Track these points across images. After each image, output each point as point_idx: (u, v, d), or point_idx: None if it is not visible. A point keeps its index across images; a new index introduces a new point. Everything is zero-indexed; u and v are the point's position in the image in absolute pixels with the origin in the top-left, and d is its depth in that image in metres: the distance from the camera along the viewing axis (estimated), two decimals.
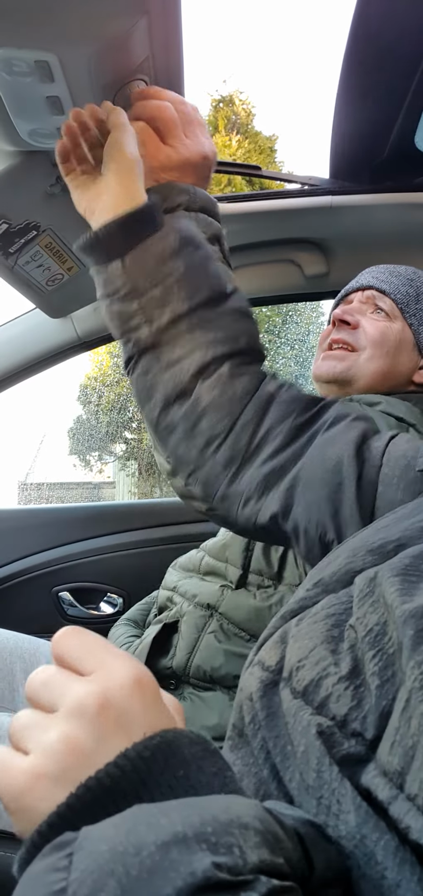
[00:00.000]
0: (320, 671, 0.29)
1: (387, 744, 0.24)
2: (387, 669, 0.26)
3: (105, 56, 0.62)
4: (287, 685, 0.31)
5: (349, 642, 0.29)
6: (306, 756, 0.27)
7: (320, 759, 0.26)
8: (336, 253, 1.28)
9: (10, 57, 0.59)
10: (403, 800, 0.22)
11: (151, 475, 8.90)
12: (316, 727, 0.27)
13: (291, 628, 0.34)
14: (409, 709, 0.24)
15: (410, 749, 0.23)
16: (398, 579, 0.29)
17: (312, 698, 0.28)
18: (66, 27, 0.58)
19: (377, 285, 0.96)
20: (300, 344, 10.41)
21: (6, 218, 0.86)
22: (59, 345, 1.36)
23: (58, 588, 1.53)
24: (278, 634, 0.35)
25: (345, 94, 0.94)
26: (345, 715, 0.26)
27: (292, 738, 0.28)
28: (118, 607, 1.54)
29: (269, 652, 0.34)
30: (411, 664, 0.24)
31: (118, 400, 10.29)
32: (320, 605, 0.34)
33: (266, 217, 1.16)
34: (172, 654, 0.90)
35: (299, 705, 0.29)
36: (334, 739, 0.26)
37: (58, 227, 0.96)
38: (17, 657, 1.01)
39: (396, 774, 0.23)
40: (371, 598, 0.30)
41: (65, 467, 8.80)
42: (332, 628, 0.31)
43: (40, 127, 0.71)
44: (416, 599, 0.27)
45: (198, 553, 1.03)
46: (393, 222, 1.17)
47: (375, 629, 0.28)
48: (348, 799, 0.24)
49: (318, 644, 0.30)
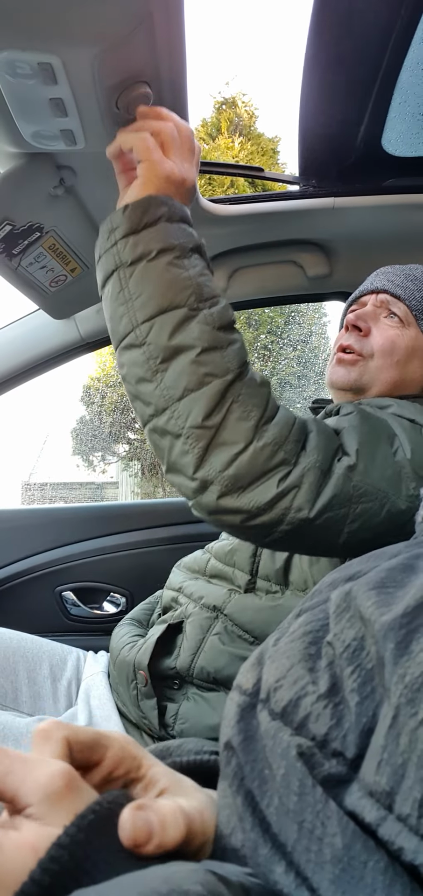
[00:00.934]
0: (299, 690, 0.28)
1: (372, 763, 0.23)
2: (366, 685, 0.26)
3: (108, 58, 0.62)
4: (265, 707, 0.30)
5: (327, 659, 0.29)
6: (286, 779, 0.26)
7: (302, 781, 0.25)
8: (338, 254, 1.28)
9: (14, 59, 0.60)
10: (393, 821, 0.21)
11: (154, 475, 8.91)
12: (296, 748, 0.26)
13: (268, 648, 0.33)
14: (397, 725, 0.23)
15: (399, 767, 0.22)
16: (374, 592, 0.29)
17: (291, 719, 0.28)
18: (69, 29, 0.58)
19: (392, 289, 0.95)
20: (303, 345, 10.39)
21: (10, 219, 0.87)
22: (63, 346, 1.36)
23: (61, 588, 1.53)
24: (255, 656, 0.34)
25: (308, 93, 0.93)
26: (325, 735, 0.26)
27: (270, 761, 0.27)
28: (121, 607, 1.54)
29: (246, 675, 0.33)
30: (394, 679, 0.24)
31: (121, 400, 10.29)
32: (297, 623, 0.33)
33: (269, 218, 1.16)
34: (176, 655, 0.90)
35: (278, 727, 0.28)
36: (315, 760, 0.25)
37: (61, 229, 0.96)
38: (20, 656, 1.02)
39: (384, 795, 0.22)
40: (348, 614, 0.30)
41: (68, 467, 8.81)
42: (309, 646, 0.30)
43: (43, 129, 0.71)
44: (393, 609, 0.27)
45: (204, 555, 1.03)
46: (396, 223, 1.17)
47: (352, 644, 0.28)
48: (333, 821, 0.23)
49: (295, 663, 0.30)
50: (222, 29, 6.52)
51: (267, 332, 10.41)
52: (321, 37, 0.84)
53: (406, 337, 0.92)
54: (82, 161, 0.86)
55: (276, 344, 10.47)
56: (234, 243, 1.23)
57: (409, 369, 0.92)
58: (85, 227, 1.01)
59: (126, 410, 10.33)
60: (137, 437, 10.20)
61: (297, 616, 0.35)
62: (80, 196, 0.94)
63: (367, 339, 0.93)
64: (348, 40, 0.83)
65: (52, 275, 1.05)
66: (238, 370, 0.64)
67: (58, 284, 1.09)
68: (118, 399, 10.22)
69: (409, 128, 0.97)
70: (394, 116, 0.95)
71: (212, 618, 0.90)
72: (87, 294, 1.20)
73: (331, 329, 9.76)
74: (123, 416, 10.28)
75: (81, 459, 8.99)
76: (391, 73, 0.86)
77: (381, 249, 1.24)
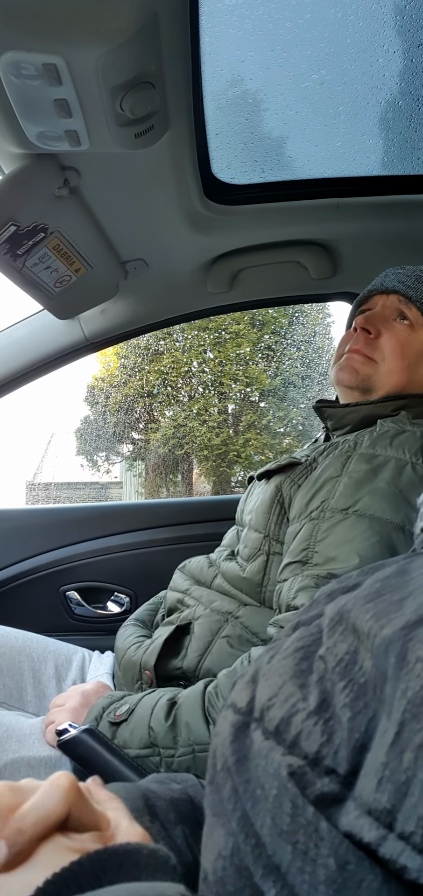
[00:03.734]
0: (290, 708, 0.28)
1: (372, 780, 0.22)
2: (359, 700, 0.25)
3: (113, 59, 0.63)
4: (259, 726, 0.29)
5: (318, 674, 0.28)
6: (278, 800, 0.25)
7: (293, 802, 0.25)
8: (343, 254, 1.28)
9: (19, 60, 0.60)
10: (394, 839, 0.21)
11: (158, 475, 8.93)
12: (287, 768, 0.26)
13: (262, 666, 0.33)
14: (400, 742, 0.22)
15: (403, 785, 0.21)
16: (371, 605, 0.28)
17: (284, 737, 0.27)
18: (73, 30, 0.59)
19: (404, 291, 0.93)
20: (307, 345, 10.38)
21: (14, 220, 0.87)
22: (67, 346, 1.36)
23: (65, 587, 1.53)
24: (250, 674, 0.33)
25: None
26: (316, 752, 0.25)
27: (262, 781, 0.27)
28: (125, 606, 1.54)
29: (240, 693, 0.32)
30: (397, 694, 0.23)
31: (125, 401, 10.30)
32: (291, 640, 0.32)
33: (273, 218, 1.16)
34: (183, 655, 0.90)
35: (270, 746, 0.27)
36: (307, 779, 0.25)
37: (65, 229, 0.96)
38: (25, 656, 1.02)
39: (384, 813, 0.21)
40: (341, 627, 0.29)
41: (72, 467, 8.84)
42: (300, 661, 0.30)
43: (48, 129, 0.71)
44: (393, 622, 0.26)
45: (210, 568, 1.01)
46: (400, 223, 1.17)
47: (345, 658, 0.27)
48: (326, 842, 0.23)
49: (287, 680, 0.29)
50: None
51: (271, 333, 10.40)
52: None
53: (416, 340, 0.91)
54: (87, 162, 0.86)
55: (280, 344, 10.46)
56: (238, 244, 1.23)
57: (418, 371, 0.92)
58: (89, 228, 1.01)
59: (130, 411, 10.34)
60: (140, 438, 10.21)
61: (293, 629, 0.34)
62: (84, 197, 0.94)
63: (377, 342, 0.93)
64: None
65: (56, 275, 1.06)
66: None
67: (62, 285, 1.09)
68: (122, 399, 10.24)
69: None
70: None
71: (222, 621, 0.89)
72: (91, 294, 1.21)
73: (335, 329, 9.75)
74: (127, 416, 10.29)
75: (85, 459, 9.02)
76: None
77: (385, 249, 1.24)
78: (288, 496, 0.89)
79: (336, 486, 0.80)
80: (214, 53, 0.82)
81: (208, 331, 10.22)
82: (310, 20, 0.83)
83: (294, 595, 0.72)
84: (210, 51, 0.80)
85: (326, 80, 0.92)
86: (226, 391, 10.41)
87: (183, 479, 10.69)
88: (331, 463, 0.84)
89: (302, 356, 10.38)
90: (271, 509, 0.91)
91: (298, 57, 0.88)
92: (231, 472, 10.38)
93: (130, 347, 10.17)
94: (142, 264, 1.21)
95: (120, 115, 0.70)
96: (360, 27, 0.84)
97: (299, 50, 0.87)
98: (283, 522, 0.89)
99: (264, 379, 10.29)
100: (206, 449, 10.18)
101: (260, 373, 10.31)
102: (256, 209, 1.12)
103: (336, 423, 0.96)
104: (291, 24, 0.83)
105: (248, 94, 0.95)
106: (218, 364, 10.32)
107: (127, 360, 10.36)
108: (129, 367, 10.33)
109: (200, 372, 10.52)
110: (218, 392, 10.46)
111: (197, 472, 10.82)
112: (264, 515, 0.91)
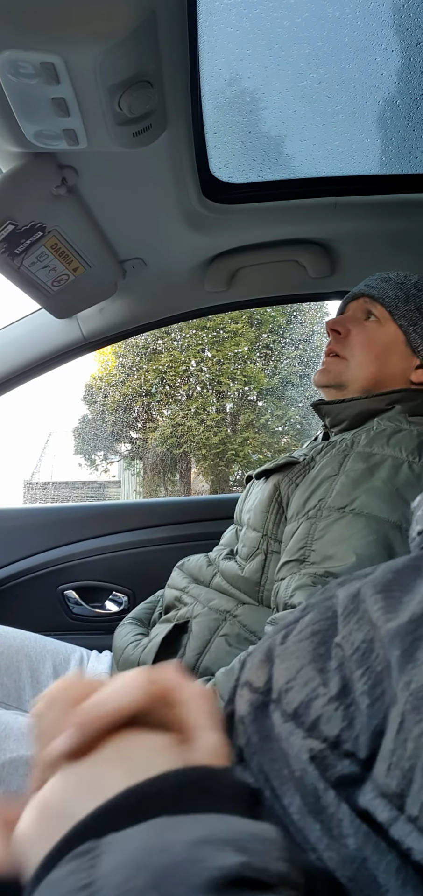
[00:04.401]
0: (310, 692, 0.28)
1: (383, 765, 0.24)
2: (376, 688, 0.26)
3: (111, 58, 0.62)
4: (277, 707, 0.30)
5: (337, 661, 0.29)
6: (302, 780, 0.26)
7: (315, 784, 0.26)
8: (341, 253, 1.28)
9: (16, 59, 0.60)
10: (404, 821, 0.22)
11: (156, 474, 8.92)
12: (308, 752, 0.27)
13: (276, 646, 0.33)
14: (403, 731, 0.23)
15: (408, 772, 0.22)
16: (381, 596, 0.29)
17: (303, 720, 0.28)
18: (71, 29, 0.58)
19: (368, 292, 1.00)
20: (305, 344, 10.39)
21: (12, 219, 0.87)
22: (65, 345, 1.36)
23: (63, 586, 1.53)
24: (263, 653, 0.34)
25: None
26: (337, 736, 0.26)
27: (288, 761, 0.28)
28: (123, 605, 1.54)
29: (256, 672, 0.33)
30: (400, 685, 0.24)
31: (123, 400, 10.29)
32: (305, 622, 0.33)
33: (271, 217, 1.16)
34: (181, 654, 0.90)
35: (291, 728, 0.28)
36: (328, 762, 0.26)
37: (63, 228, 0.96)
38: (23, 655, 1.02)
39: (395, 796, 0.23)
40: (356, 615, 0.30)
41: (70, 466, 8.83)
42: (318, 646, 0.30)
43: (46, 128, 0.71)
44: (400, 616, 0.27)
45: (209, 567, 1.02)
46: (397, 222, 1.17)
47: (361, 647, 0.28)
48: (346, 822, 0.24)
49: (305, 664, 0.30)
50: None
51: (269, 332, 10.40)
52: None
53: (384, 333, 0.97)
54: (85, 161, 0.86)
55: (278, 343, 10.46)
56: (236, 242, 1.23)
57: (389, 363, 0.96)
58: (87, 227, 1.01)
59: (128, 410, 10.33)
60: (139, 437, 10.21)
61: (304, 611, 0.35)
62: (82, 195, 0.94)
63: (347, 340, 0.99)
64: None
65: (54, 274, 1.05)
66: None
67: (60, 284, 1.09)
68: (120, 398, 10.23)
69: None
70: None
71: (220, 619, 0.90)
72: (89, 293, 1.21)
73: None
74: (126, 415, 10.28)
75: (83, 458, 9.01)
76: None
77: (383, 248, 1.24)
78: (286, 495, 0.90)
79: (333, 485, 0.80)
80: (212, 52, 0.82)
81: (207, 330, 10.22)
82: (308, 19, 0.83)
83: (292, 594, 0.72)
84: (208, 49, 0.80)
85: (324, 78, 0.92)
86: (224, 390, 10.41)
87: (181, 479, 10.69)
88: (328, 462, 0.85)
89: (300, 355, 10.39)
90: (269, 508, 0.91)
91: (296, 56, 0.88)
92: (229, 472, 10.38)
93: (128, 346, 10.17)
94: (140, 263, 1.21)
95: (118, 114, 0.70)
96: (358, 26, 0.84)
97: (298, 49, 0.87)
98: (281, 521, 0.89)
99: (262, 378, 10.30)
100: (204, 448, 10.18)
101: (258, 372, 10.32)
102: (254, 208, 1.12)
103: (334, 419, 0.98)
104: (289, 22, 0.83)
105: (246, 92, 0.95)
106: (216, 363, 10.32)
107: (125, 359, 10.36)
108: (127, 366, 10.33)
109: (198, 371, 10.53)
110: (216, 391, 10.47)
111: (195, 472, 10.83)
112: (262, 514, 0.92)
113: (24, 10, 0.56)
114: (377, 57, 0.88)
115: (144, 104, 0.70)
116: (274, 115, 1.00)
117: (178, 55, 0.72)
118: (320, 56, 0.89)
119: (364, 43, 0.87)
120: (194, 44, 0.74)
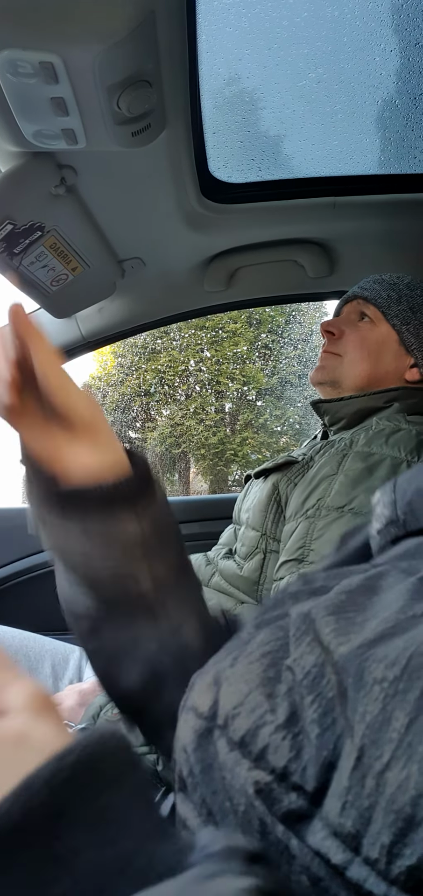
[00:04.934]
0: (257, 719, 0.27)
1: (337, 803, 0.22)
2: (326, 716, 0.25)
3: (110, 57, 0.62)
4: (223, 734, 0.28)
5: (287, 685, 0.27)
6: (247, 815, 0.25)
7: (262, 819, 0.24)
8: (339, 253, 1.28)
9: (15, 58, 0.60)
10: (360, 864, 0.21)
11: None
12: (254, 785, 0.25)
13: (225, 669, 0.31)
14: (361, 767, 0.22)
15: (366, 811, 0.21)
16: (333, 618, 0.28)
17: (250, 749, 0.26)
18: (70, 28, 0.58)
19: (361, 294, 1.02)
20: (303, 344, 10.40)
21: (11, 219, 0.87)
22: (64, 345, 1.36)
23: None
24: (211, 676, 0.32)
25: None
26: (284, 767, 0.24)
27: (230, 795, 0.26)
28: None
29: (201, 696, 0.31)
30: (356, 717, 0.23)
31: (122, 400, 10.29)
32: (256, 643, 0.31)
33: (270, 217, 1.16)
34: None
35: (236, 759, 0.26)
36: (274, 795, 0.24)
37: (62, 228, 0.96)
38: (22, 655, 1.02)
39: (349, 837, 0.21)
40: (308, 638, 0.28)
41: None
42: (268, 668, 0.29)
43: (45, 128, 0.71)
44: (352, 639, 0.26)
45: (208, 566, 1.02)
46: (396, 222, 1.17)
47: (312, 671, 0.26)
48: (298, 860, 0.22)
49: (253, 688, 0.28)
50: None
51: (268, 331, 10.41)
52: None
53: (377, 333, 0.98)
54: (84, 160, 0.86)
55: (277, 343, 10.47)
56: (235, 242, 1.23)
57: (382, 362, 0.98)
58: (86, 227, 1.01)
59: (127, 409, 10.33)
60: (138, 437, 10.21)
61: (256, 628, 0.33)
62: (81, 195, 0.94)
63: (340, 340, 1.01)
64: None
65: (53, 274, 1.05)
66: None
67: (59, 283, 1.09)
68: (119, 398, 10.23)
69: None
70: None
71: None
72: (88, 293, 1.21)
73: None
74: (124, 415, 10.28)
75: None
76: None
77: (382, 248, 1.24)
78: (285, 494, 0.90)
79: (332, 485, 0.80)
80: (211, 52, 0.82)
81: (205, 329, 10.23)
82: (307, 18, 0.83)
83: None
84: (207, 49, 0.80)
85: (323, 78, 0.92)
86: (223, 390, 10.42)
87: (180, 478, 10.69)
88: (327, 461, 0.85)
89: (299, 355, 10.40)
90: (268, 508, 0.91)
91: (295, 55, 0.89)
92: (228, 471, 10.39)
93: (127, 346, 10.17)
94: (139, 263, 1.21)
95: (117, 114, 0.70)
96: (357, 26, 0.84)
97: (297, 48, 0.87)
98: (280, 521, 0.89)
99: (261, 377, 10.31)
100: (203, 448, 10.19)
101: (257, 371, 10.33)
102: (253, 208, 1.12)
103: (332, 417, 0.98)
104: (288, 22, 0.83)
105: (245, 92, 0.95)
106: (215, 363, 10.33)
107: (124, 359, 10.36)
108: (126, 366, 10.33)
109: (197, 371, 10.53)
110: (215, 391, 10.48)
111: (194, 471, 10.83)
112: (261, 514, 0.92)
113: (23, 10, 0.56)
114: (376, 57, 0.88)
115: (143, 104, 0.70)
116: (273, 115, 1.00)
117: (177, 55, 0.71)
118: (318, 56, 0.89)
119: (363, 43, 0.87)
120: (193, 43, 0.74)
